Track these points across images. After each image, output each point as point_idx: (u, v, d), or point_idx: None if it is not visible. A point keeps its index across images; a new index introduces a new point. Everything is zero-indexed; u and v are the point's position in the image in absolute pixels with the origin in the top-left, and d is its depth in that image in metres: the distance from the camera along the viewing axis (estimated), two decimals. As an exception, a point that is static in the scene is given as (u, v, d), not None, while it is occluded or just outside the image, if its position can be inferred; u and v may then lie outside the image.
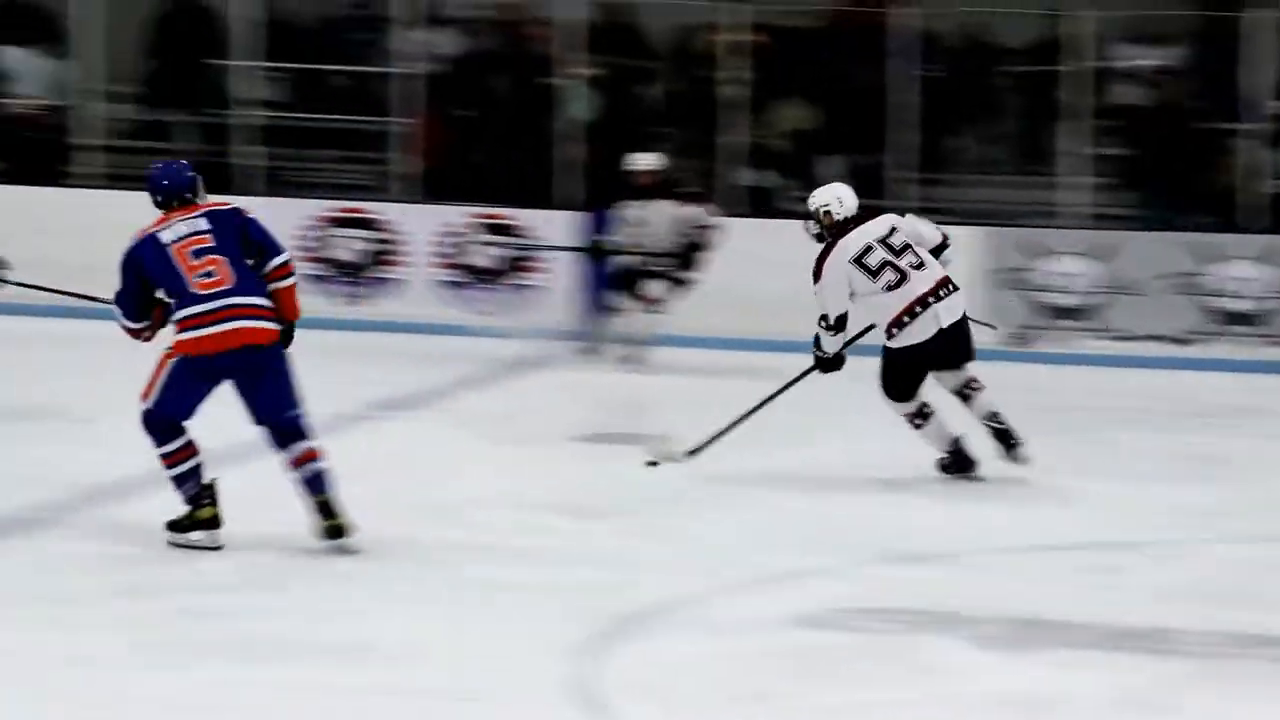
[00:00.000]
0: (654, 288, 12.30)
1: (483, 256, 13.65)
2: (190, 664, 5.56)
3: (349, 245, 13.72)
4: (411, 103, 14.19)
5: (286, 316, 7.07)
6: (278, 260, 7.07)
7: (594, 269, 12.76)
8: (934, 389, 8.76)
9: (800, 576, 6.91)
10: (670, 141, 14.16)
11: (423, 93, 14.19)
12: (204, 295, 6.87)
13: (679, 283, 12.35)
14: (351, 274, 13.70)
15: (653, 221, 12.35)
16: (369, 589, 6.53)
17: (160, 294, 7.05)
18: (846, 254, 8.59)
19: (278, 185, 14.23)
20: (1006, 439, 8.67)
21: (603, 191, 12.84)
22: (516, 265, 13.56)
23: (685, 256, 12.33)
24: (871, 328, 8.78)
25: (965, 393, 8.73)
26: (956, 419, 8.78)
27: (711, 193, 13.34)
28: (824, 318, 8.66)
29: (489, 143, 14.35)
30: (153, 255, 6.97)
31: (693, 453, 8.79)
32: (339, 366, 11.58)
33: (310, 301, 13.20)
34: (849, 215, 8.70)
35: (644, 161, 12.50)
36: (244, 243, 7.03)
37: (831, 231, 8.70)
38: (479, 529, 7.50)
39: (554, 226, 13.33)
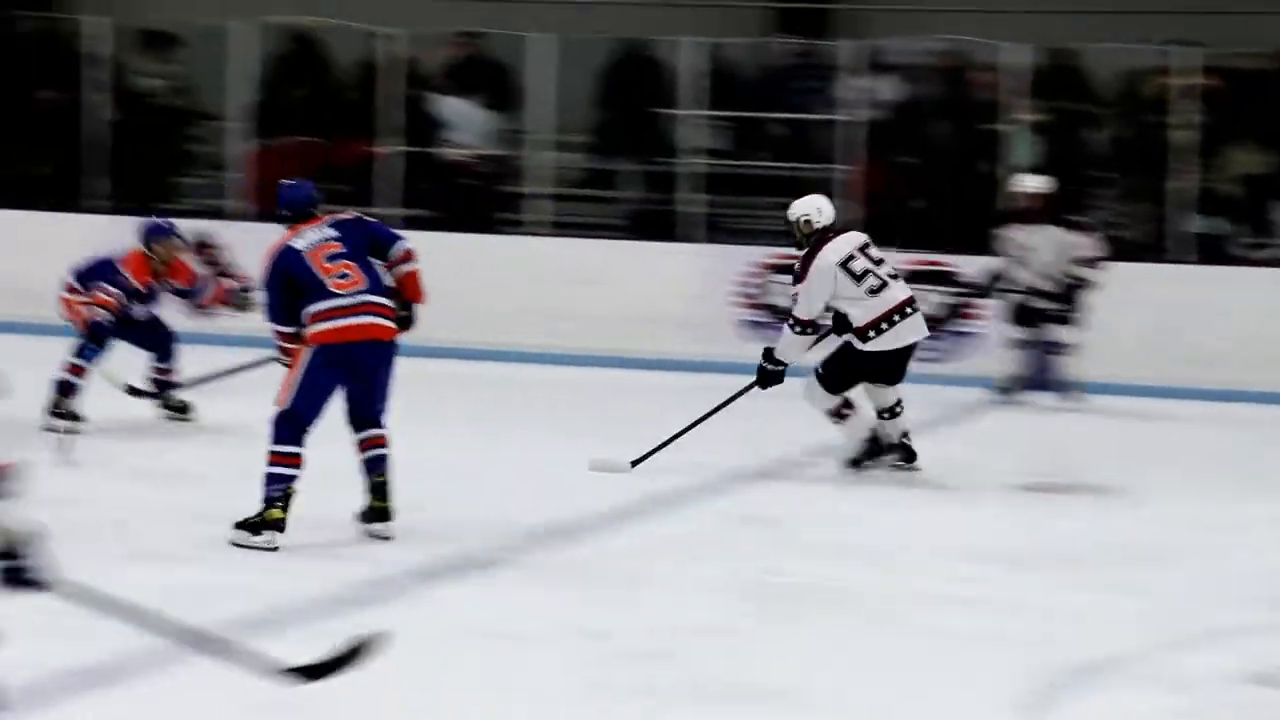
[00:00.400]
0: (1057, 331, 12.15)
1: (922, 304, 13.62)
2: (643, 705, 5.68)
3: (788, 292, 13.83)
4: (852, 149, 14.29)
5: (412, 300, 7.77)
6: (402, 246, 7.75)
7: (1009, 312, 12.60)
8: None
9: (1250, 632, 6.77)
10: (1116, 187, 14.00)
11: (864, 139, 14.28)
12: (341, 293, 7.52)
13: (1072, 318, 12.15)
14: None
15: (1039, 247, 12.16)
16: (813, 635, 6.61)
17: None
18: (834, 257, 9.22)
19: (718, 232, 14.48)
20: (910, 453, 9.49)
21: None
22: (955, 311, 13.51)
23: (1071, 289, 12.13)
24: (828, 335, 9.43)
25: (895, 410, 9.46)
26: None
27: (1157, 235, 13.13)
28: (795, 320, 9.32)
29: (930, 189, 14.37)
30: (294, 261, 7.58)
31: (635, 463, 9.27)
32: (779, 412, 11.72)
33: (751, 348, 13.61)
34: (827, 224, 9.33)
35: (1031, 184, 12.32)
36: (370, 244, 7.67)
37: (810, 240, 9.31)
38: (920, 577, 7.51)
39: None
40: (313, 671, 5.13)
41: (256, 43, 14.88)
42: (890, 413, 9.52)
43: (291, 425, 7.48)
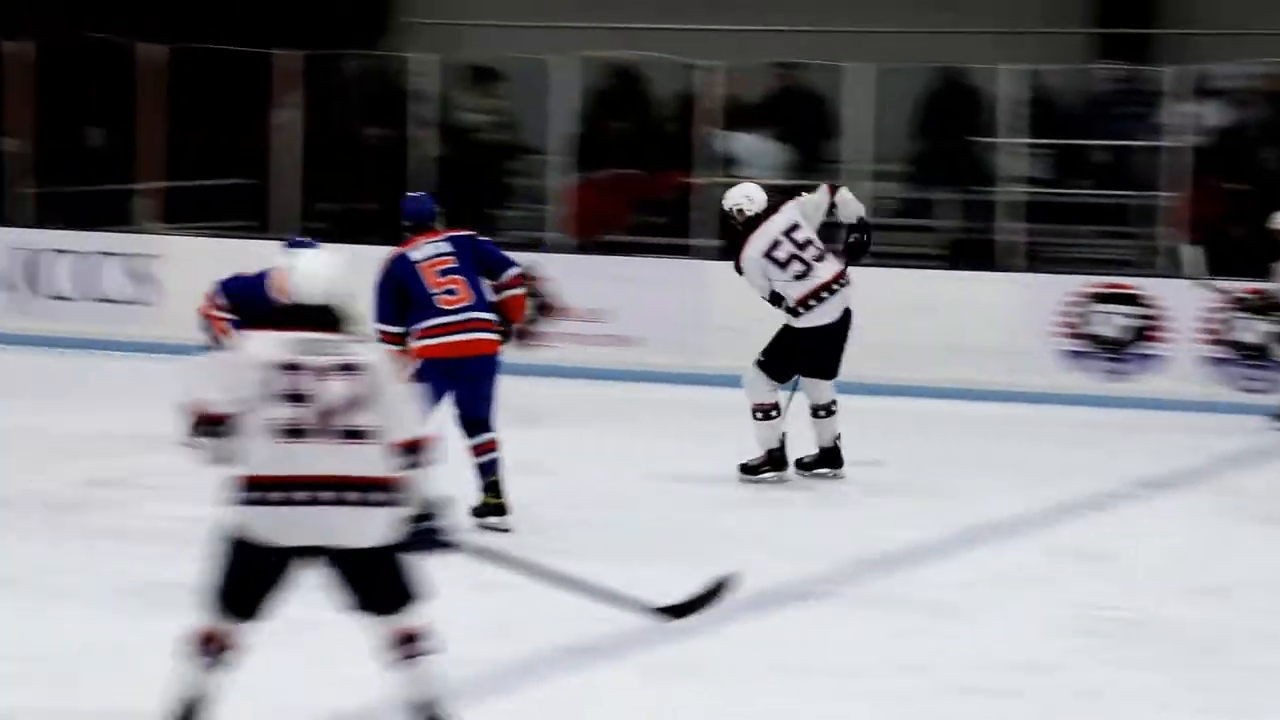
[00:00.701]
0: None
1: (1249, 332, 13.34)
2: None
3: (1111, 321, 13.64)
4: (1178, 176, 14.03)
5: (513, 319, 8.53)
6: (513, 271, 8.54)
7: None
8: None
9: None
10: None
11: (1190, 165, 14.02)
12: (447, 310, 8.21)
13: None
14: (1114, 350, 13.62)
15: None
16: (1145, 671, 6.50)
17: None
18: (758, 252, 9.74)
19: (1039, 261, 14.30)
20: (837, 460, 9.80)
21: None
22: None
23: None
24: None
25: (830, 409, 9.79)
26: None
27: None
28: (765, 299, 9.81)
29: (1258, 216, 14.03)
30: (406, 270, 8.31)
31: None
32: (1103, 443, 11.57)
33: (1068, 379, 13.45)
34: (759, 211, 9.81)
35: None
36: (479, 262, 8.34)
37: (745, 227, 9.79)
38: (1252, 613, 7.36)
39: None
40: (678, 610, 5.78)
41: (577, 76, 15.11)
42: (826, 411, 9.82)
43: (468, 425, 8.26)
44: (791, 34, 15.74)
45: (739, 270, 9.88)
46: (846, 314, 9.78)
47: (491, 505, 8.33)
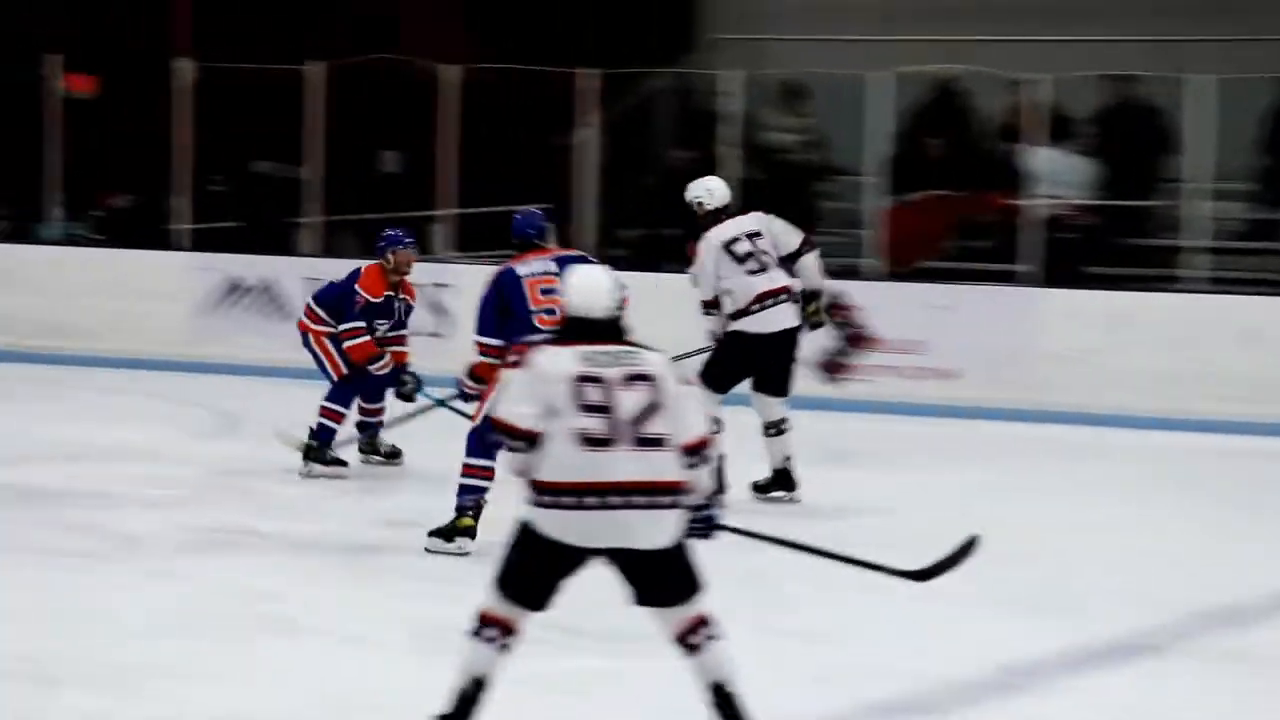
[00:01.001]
0: None
1: None
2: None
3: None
4: None
5: None
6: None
7: None
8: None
9: None
10: None
11: None
12: (543, 330, 8.27)
13: None
14: None
15: None
16: None
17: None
18: (717, 240, 9.83)
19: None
20: (789, 482, 9.85)
21: None
22: None
23: None
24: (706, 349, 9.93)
25: (780, 428, 9.83)
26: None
27: None
28: (701, 302, 9.89)
29: None
30: (513, 284, 8.54)
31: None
32: None
33: None
34: (720, 206, 9.95)
35: None
36: None
37: (704, 221, 9.92)
38: None
39: None
40: (926, 574, 6.03)
41: (892, 92, 14.85)
42: (776, 429, 9.86)
43: (486, 441, 8.27)
44: (1124, 44, 15.34)
45: (690, 262, 9.92)
46: (792, 332, 9.80)
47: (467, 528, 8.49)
